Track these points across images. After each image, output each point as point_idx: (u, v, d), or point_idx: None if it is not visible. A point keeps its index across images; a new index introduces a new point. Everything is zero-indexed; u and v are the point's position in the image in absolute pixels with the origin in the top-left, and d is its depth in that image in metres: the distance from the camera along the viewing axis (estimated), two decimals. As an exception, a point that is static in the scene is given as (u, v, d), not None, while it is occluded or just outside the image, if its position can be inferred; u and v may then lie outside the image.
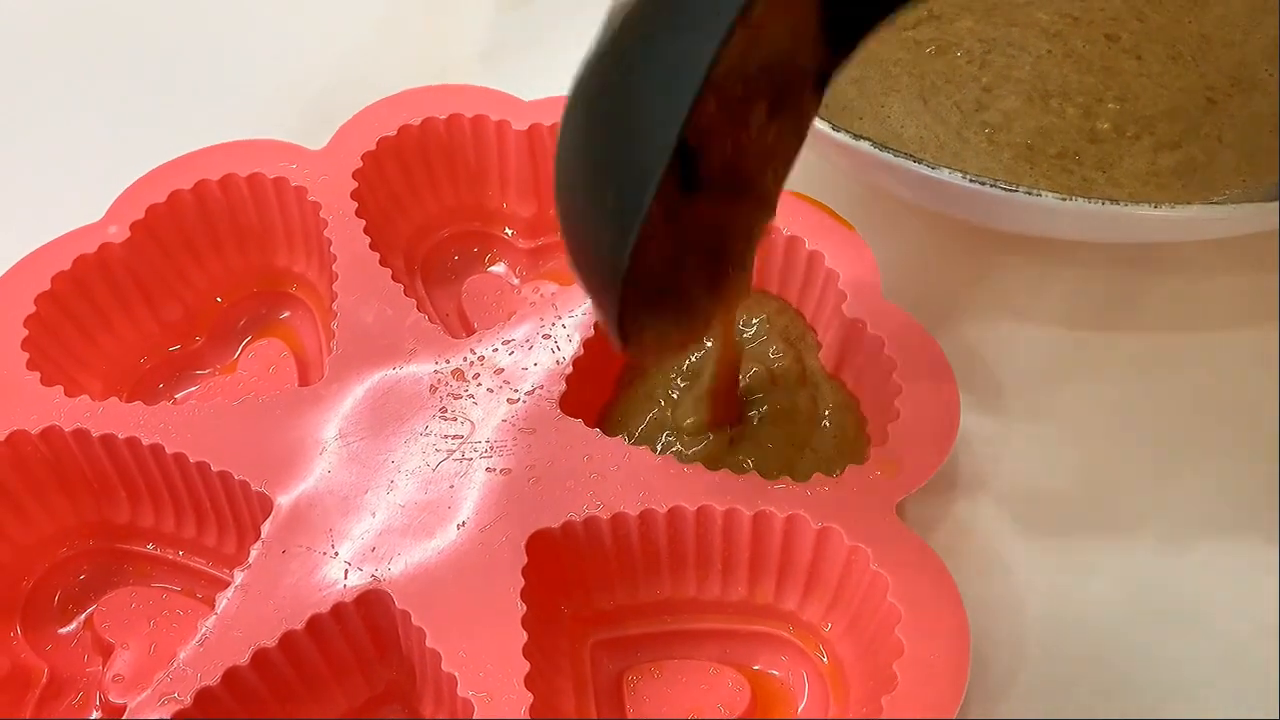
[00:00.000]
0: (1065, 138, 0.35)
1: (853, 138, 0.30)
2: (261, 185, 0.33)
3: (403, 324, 0.31)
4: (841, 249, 0.31)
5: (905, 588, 0.26)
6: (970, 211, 0.32)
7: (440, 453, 0.28)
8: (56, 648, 0.29)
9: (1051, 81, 0.36)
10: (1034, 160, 0.34)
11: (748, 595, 0.28)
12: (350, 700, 0.27)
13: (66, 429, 0.29)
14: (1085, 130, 0.35)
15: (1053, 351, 0.34)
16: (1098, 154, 0.34)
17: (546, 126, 0.34)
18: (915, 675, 0.24)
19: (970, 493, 0.31)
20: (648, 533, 0.27)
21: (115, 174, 0.33)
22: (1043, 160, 0.34)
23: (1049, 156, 0.34)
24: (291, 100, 0.40)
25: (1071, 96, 0.35)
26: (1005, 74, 0.36)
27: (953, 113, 0.35)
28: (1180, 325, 0.34)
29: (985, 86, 0.36)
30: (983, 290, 0.35)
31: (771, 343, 0.32)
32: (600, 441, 0.28)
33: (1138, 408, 0.33)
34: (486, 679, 0.25)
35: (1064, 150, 0.34)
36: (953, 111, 0.35)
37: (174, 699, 0.25)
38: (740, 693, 0.27)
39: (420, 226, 0.35)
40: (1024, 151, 0.34)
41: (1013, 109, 0.35)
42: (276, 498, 0.27)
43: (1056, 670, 0.28)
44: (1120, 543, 0.30)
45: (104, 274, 0.32)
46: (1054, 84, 0.36)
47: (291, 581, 0.26)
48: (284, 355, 0.34)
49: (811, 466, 0.29)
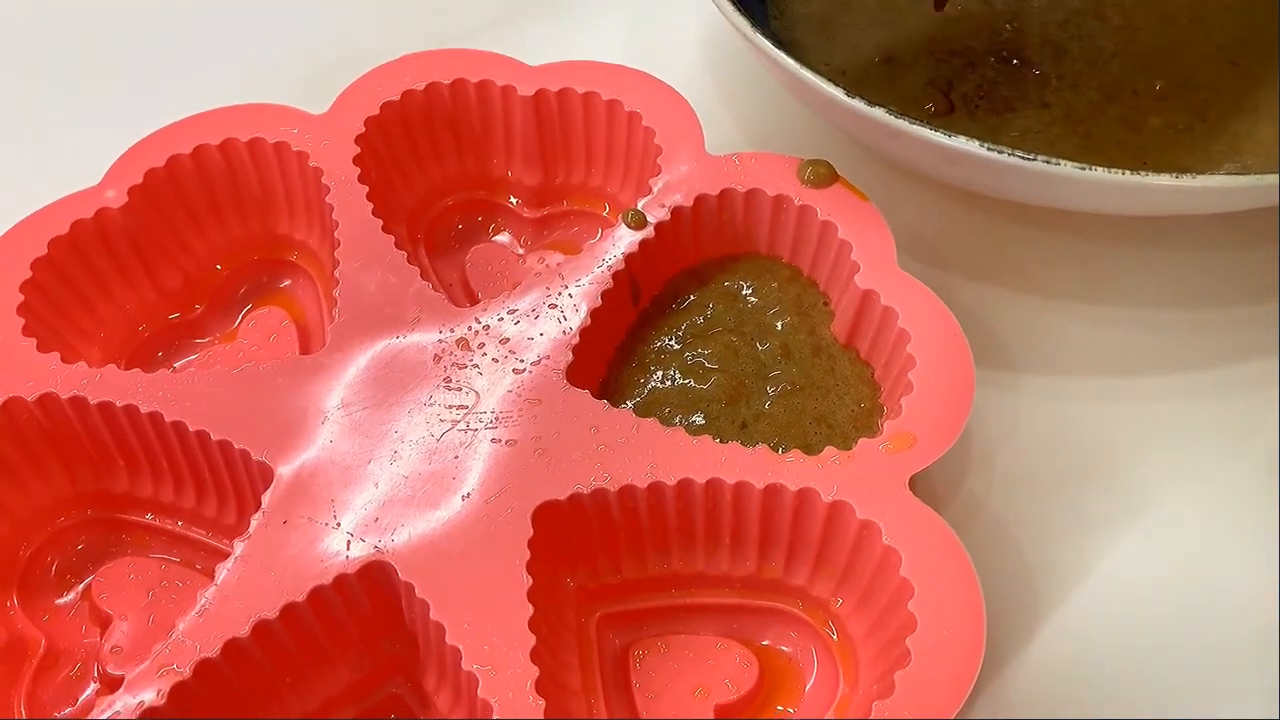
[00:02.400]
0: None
1: (866, 104, 0.29)
2: (262, 150, 0.33)
3: (406, 292, 0.30)
4: (855, 219, 0.30)
5: (918, 563, 0.25)
6: (987, 182, 0.31)
7: (445, 423, 0.28)
8: (54, 618, 0.29)
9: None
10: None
11: (756, 570, 0.28)
12: (352, 673, 0.27)
13: (63, 396, 0.28)
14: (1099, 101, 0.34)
15: (1067, 325, 0.33)
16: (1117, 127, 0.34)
17: (553, 92, 0.34)
18: (929, 651, 0.24)
19: (982, 467, 0.31)
20: (656, 506, 0.27)
21: (114, 138, 0.32)
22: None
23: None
24: (293, 65, 0.39)
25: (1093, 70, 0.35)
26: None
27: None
28: (1199, 300, 0.34)
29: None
30: (997, 262, 0.35)
31: (784, 312, 0.31)
32: (608, 413, 0.28)
33: (1153, 384, 0.32)
34: (492, 652, 0.24)
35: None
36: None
37: (173, 670, 0.24)
38: (748, 668, 0.27)
39: (424, 194, 0.35)
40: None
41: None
42: (278, 467, 0.27)
43: (1065, 647, 0.28)
44: (1133, 520, 0.30)
45: (102, 239, 0.31)
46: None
47: (293, 553, 0.26)
48: (285, 324, 0.33)
49: (824, 439, 0.28)
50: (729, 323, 0.31)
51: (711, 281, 0.32)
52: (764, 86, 0.38)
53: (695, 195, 0.31)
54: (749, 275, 0.32)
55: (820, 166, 0.31)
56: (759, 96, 0.39)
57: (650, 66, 0.34)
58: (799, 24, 0.38)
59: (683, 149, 0.32)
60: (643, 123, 0.33)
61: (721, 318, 0.31)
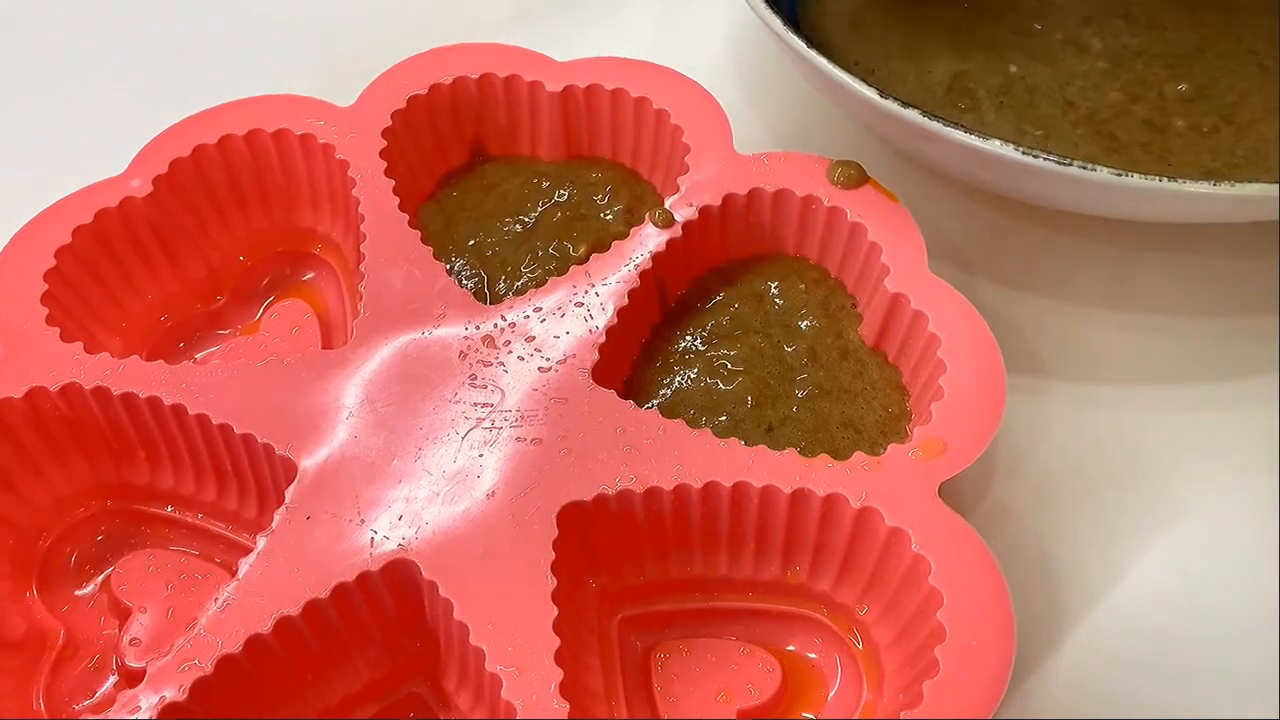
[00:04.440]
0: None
1: (901, 105, 0.29)
2: (288, 141, 0.33)
3: (432, 288, 0.30)
4: (886, 221, 0.30)
5: (948, 572, 0.25)
6: (1020, 186, 0.31)
7: (470, 420, 0.27)
8: (73, 609, 0.28)
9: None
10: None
11: (780, 575, 0.27)
12: (372, 671, 0.27)
13: (86, 387, 0.28)
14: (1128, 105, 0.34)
15: (1095, 331, 0.33)
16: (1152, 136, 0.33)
17: (581, 89, 0.33)
18: (959, 660, 0.24)
19: (1009, 474, 0.30)
20: (681, 508, 0.27)
21: (139, 126, 0.32)
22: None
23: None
24: (320, 55, 0.39)
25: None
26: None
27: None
28: (1230, 308, 0.33)
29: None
30: (1025, 266, 0.34)
31: (811, 314, 0.31)
32: (634, 413, 0.27)
33: (1183, 392, 0.32)
34: (516, 653, 0.24)
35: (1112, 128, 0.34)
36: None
37: (195, 665, 0.24)
38: (771, 674, 0.27)
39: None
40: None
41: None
42: (301, 462, 0.27)
43: (1092, 657, 0.27)
44: (1161, 528, 0.29)
45: (126, 228, 0.31)
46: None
47: (316, 548, 0.25)
48: (307, 317, 0.33)
49: (851, 444, 0.28)
50: (755, 324, 0.31)
51: (738, 282, 0.32)
52: (792, 85, 0.38)
53: (723, 195, 0.31)
54: (776, 276, 0.32)
55: (850, 167, 0.31)
56: (786, 95, 0.38)
57: (677, 63, 0.34)
58: (828, 22, 0.37)
59: (711, 147, 0.32)
60: (670, 120, 0.33)
61: (748, 319, 0.31)
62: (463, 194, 0.34)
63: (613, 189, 0.33)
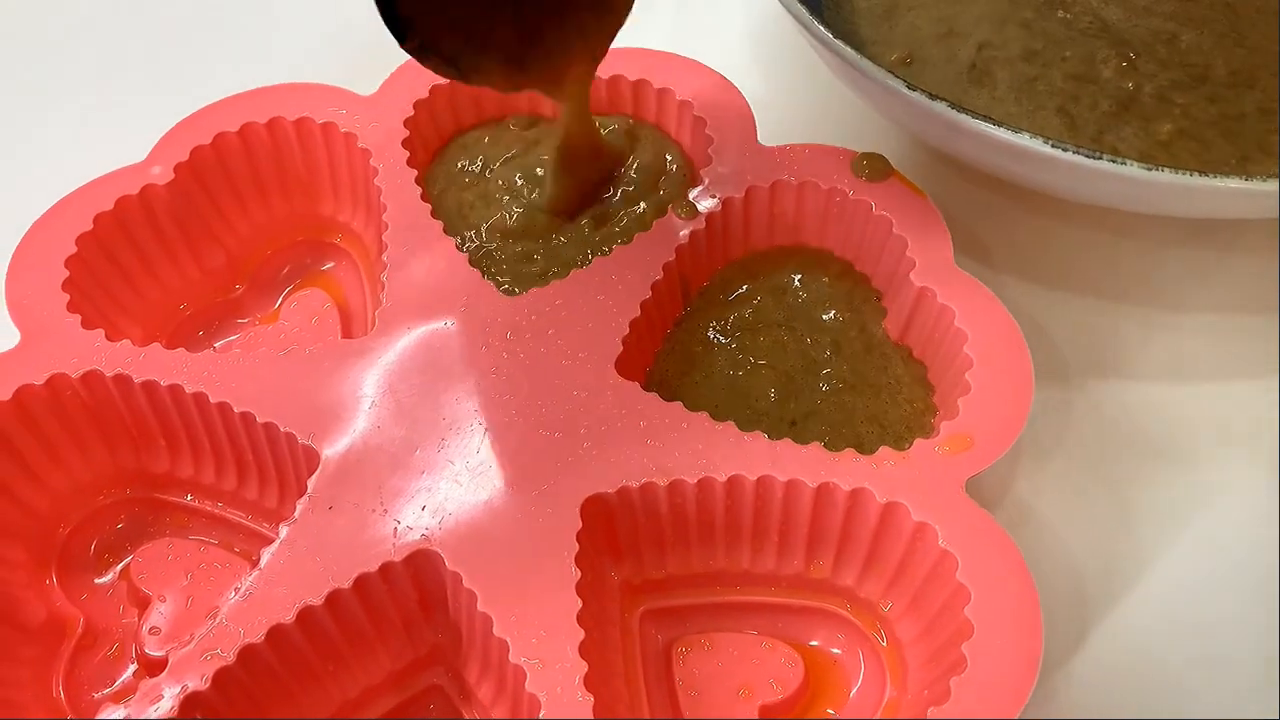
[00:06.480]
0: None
1: (929, 97, 0.29)
2: (309, 130, 0.32)
3: (454, 278, 0.30)
4: (911, 214, 0.30)
5: (975, 567, 0.25)
6: (1046, 179, 0.31)
7: (492, 411, 0.27)
8: (92, 597, 0.28)
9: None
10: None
11: (804, 569, 0.27)
12: (394, 662, 0.26)
13: (108, 374, 0.28)
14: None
15: (1120, 327, 0.33)
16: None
17: (604, 79, 0.33)
18: (986, 657, 0.23)
19: (1033, 470, 0.30)
20: (705, 501, 0.26)
21: (160, 114, 0.32)
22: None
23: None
24: (342, 44, 0.39)
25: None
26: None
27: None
28: (1255, 305, 0.33)
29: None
30: (1050, 261, 0.34)
31: (835, 307, 0.30)
32: (658, 406, 0.27)
33: (1207, 388, 0.32)
34: (539, 646, 0.24)
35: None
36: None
37: (217, 654, 0.24)
38: (793, 668, 0.27)
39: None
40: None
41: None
42: (323, 452, 0.27)
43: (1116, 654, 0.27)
44: (1185, 524, 0.29)
45: (146, 215, 0.31)
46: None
47: (339, 538, 0.25)
48: (327, 306, 0.33)
49: (876, 439, 0.28)
50: (778, 317, 0.31)
51: (761, 275, 0.32)
52: (815, 76, 0.38)
53: (746, 187, 0.31)
54: (800, 269, 0.31)
55: (875, 160, 0.31)
56: (809, 86, 0.38)
57: (699, 54, 0.34)
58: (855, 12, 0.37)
59: (734, 139, 0.32)
60: (694, 112, 0.32)
61: (771, 312, 0.31)
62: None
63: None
